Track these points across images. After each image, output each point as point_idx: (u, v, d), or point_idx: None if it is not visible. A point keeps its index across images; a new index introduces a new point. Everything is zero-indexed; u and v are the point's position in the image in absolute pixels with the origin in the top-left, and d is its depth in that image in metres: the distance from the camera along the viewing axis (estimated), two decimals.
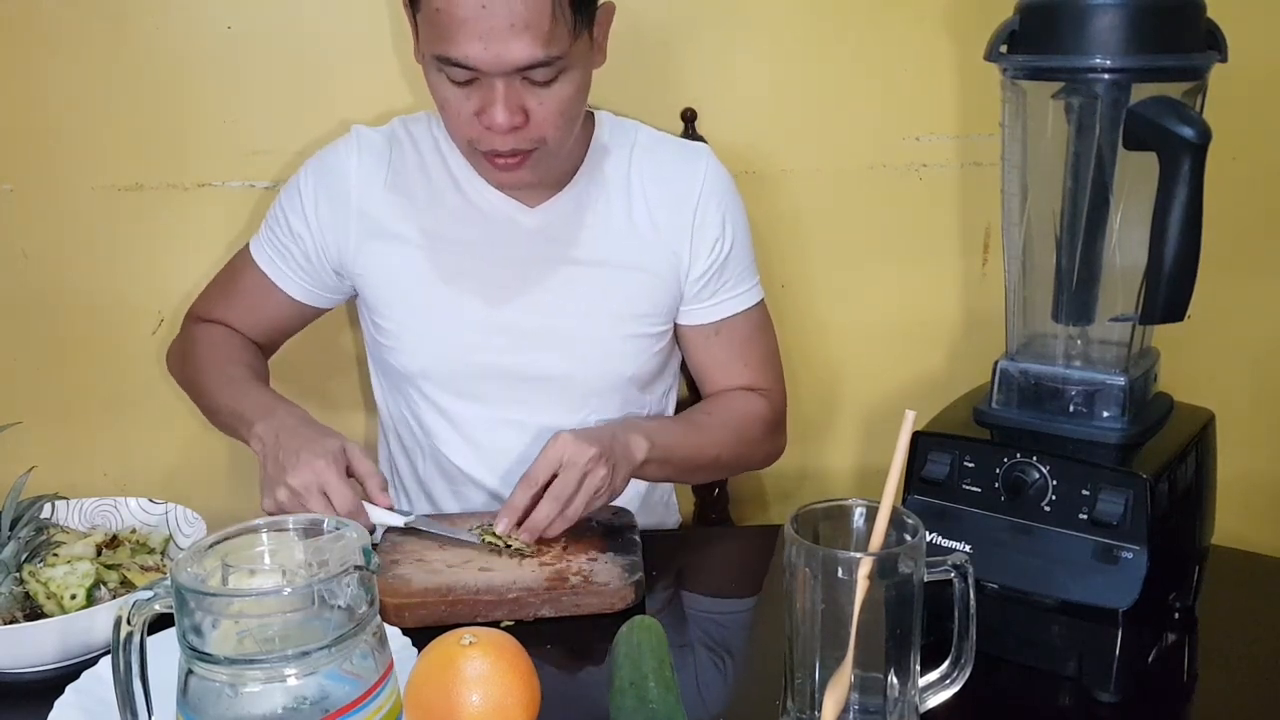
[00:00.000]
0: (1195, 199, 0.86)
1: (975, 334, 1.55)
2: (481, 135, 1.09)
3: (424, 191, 1.22)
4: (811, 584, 0.75)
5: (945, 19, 1.44)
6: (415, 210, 1.21)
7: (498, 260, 1.21)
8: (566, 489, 1.06)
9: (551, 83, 1.07)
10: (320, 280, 1.26)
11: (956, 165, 1.50)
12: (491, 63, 1.03)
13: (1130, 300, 0.95)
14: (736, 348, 1.29)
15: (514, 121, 1.06)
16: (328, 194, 1.23)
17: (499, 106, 1.05)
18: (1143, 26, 0.87)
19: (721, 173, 1.26)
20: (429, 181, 1.22)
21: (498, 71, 1.04)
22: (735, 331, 1.28)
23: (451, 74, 1.06)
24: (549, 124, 1.09)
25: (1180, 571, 0.97)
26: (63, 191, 1.46)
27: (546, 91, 1.07)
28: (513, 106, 1.06)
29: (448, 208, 1.21)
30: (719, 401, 1.29)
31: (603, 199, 1.22)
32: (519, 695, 0.79)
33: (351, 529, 0.69)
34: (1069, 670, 0.89)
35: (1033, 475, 0.90)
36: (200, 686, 0.64)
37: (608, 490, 1.09)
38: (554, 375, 1.23)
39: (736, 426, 1.27)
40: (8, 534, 1.00)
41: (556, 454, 1.07)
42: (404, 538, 1.10)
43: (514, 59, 1.03)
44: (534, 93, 1.07)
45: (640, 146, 1.25)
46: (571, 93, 1.09)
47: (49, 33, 1.40)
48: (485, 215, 1.21)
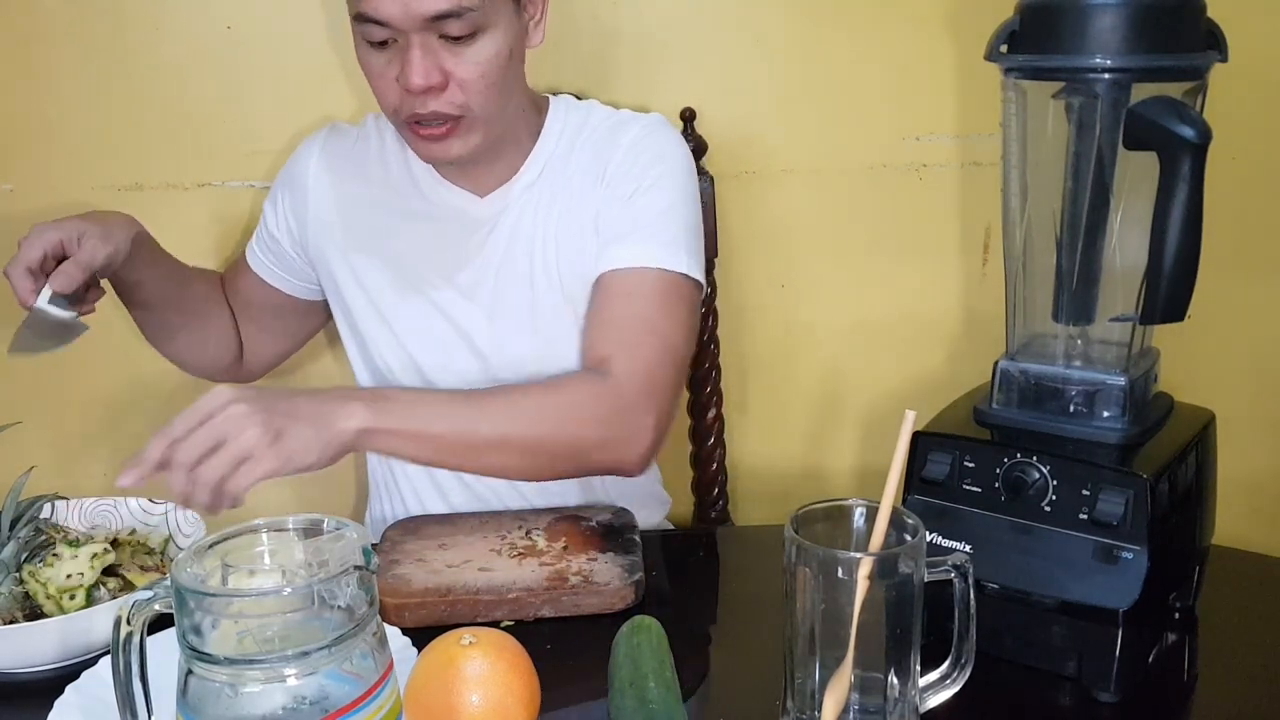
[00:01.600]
0: (1195, 199, 0.86)
1: (975, 334, 1.55)
2: (403, 100, 1.08)
3: (381, 184, 1.24)
4: (811, 584, 0.75)
5: (945, 19, 1.44)
6: (370, 204, 1.23)
7: (451, 253, 1.22)
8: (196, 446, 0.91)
9: (470, 41, 1.06)
10: (300, 272, 1.29)
11: (956, 165, 1.50)
12: (402, 15, 1.03)
13: (1130, 300, 0.95)
14: (605, 304, 1.14)
15: (430, 80, 1.05)
16: (291, 186, 1.27)
17: (415, 66, 1.05)
18: (1143, 26, 0.87)
19: (658, 137, 1.19)
20: (387, 175, 1.24)
21: (410, 26, 1.03)
22: (615, 287, 1.14)
23: (368, 33, 1.06)
24: (470, 87, 1.08)
25: (1180, 571, 0.97)
26: (63, 191, 1.46)
27: (466, 50, 1.06)
28: (429, 65, 1.05)
29: (402, 200, 1.23)
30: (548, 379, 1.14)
31: (553, 184, 1.20)
32: (519, 695, 0.79)
33: (351, 529, 0.69)
34: (1069, 670, 0.89)
35: (1033, 475, 0.90)
36: (200, 686, 0.64)
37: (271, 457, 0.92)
38: (520, 364, 1.21)
39: (552, 405, 1.08)
40: (7, 534, 1.00)
41: (205, 406, 0.93)
42: (404, 537, 1.11)
43: (423, 8, 1.02)
44: (452, 51, 1.06)
45: (590, 126, 1.22)
46: (491, 54, 1.07)
47: (49, 32, 1.40)
48: (437, 207, 1.22)
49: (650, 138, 1.19)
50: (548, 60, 1.31)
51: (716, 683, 0.93)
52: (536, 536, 1.10)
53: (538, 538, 1.10)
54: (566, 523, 1.14)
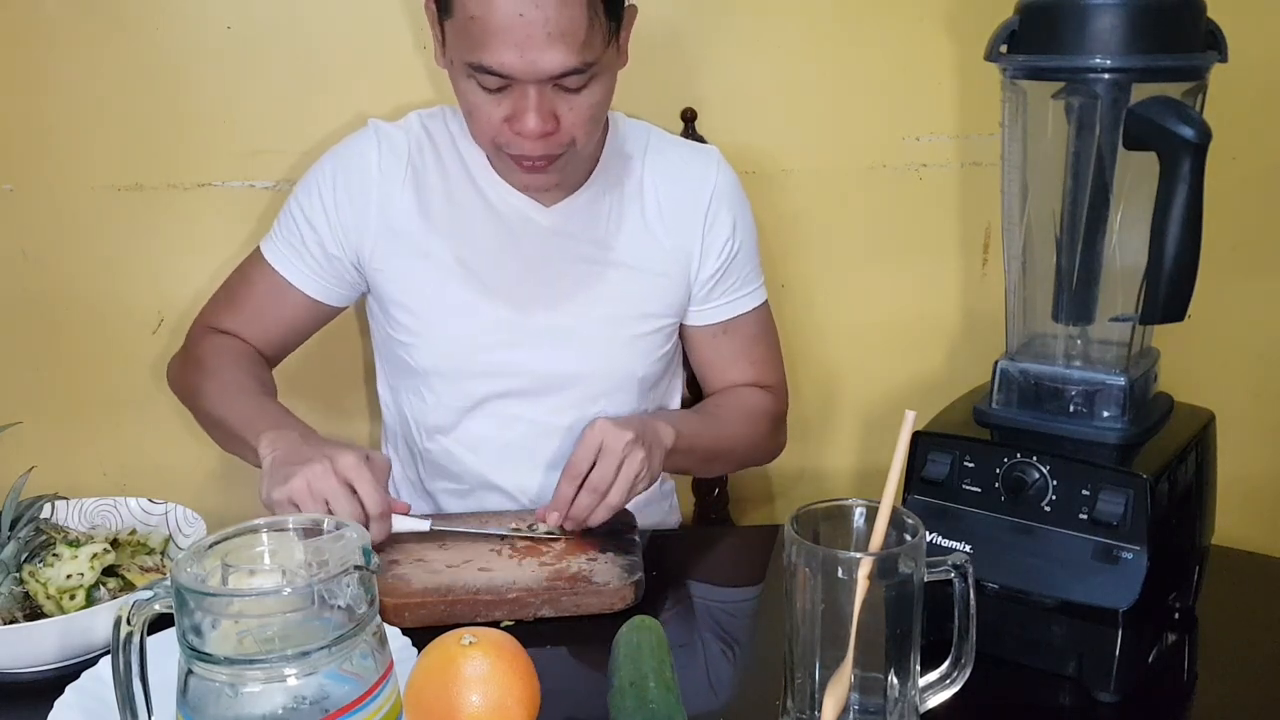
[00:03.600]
0: (1195, 199, 0.86)
1: (975, 334, 1.55)
2: (511, 140, 1.09)
3: (441, 189, 1.22)
4: (811, 584, 0.75)
5: (945, 19, 1.44)
6: (433, 207, 1.21)
7: (513, 258, 1.21)
8: (606, 477, 1.06)
9: (583, 89, 1.07)
10: (338, 276, 1.24)
11: (956, 165, 1.50)
12: (526, 71, 1.03)
13: (1130, 300, 0.95)
14: (742, 346, 1.31)
15: (546, 128, 1.07)
16: (347, 187, 1.21)
17: (531, 114, 1.06)
18: (1143, 26, 0.87)
19: (731, 176, 1.28)
20: (446, 179, 1.22)
21: (532, 80, 1.04)
22: (741, 331, 1.30)
23: (484, 81, 1.06)
24: (578, 128, 1.10)
25: (1180, 571, 0.97)
26: (63, 191, 1.46)
27: (577, 97, 1.07)
28: (545, 114, 1.06)
29: (465, 205, 1.21)
30: (729, 396, 1.31)
31: (617, 200, 1.23)
32: (519, 695, 0.79)
33: (351, 529, 0.69)
34: (1069, 670, 0.89)
35: (1033, 475, 0.90)
36: (200, 686, 0.64)
37: (647, 475, 1.09)
38: (566, 374, 1.23)
39: (747, 420, 1.29)
40: (7, 534, 1.00)
41: (595, 441, 1.07)
42: (404, 537, 1.10)
43: (549, 67, 1.03)
44: (565, 99, 1.07)
45: (653, 149, 1.26)
46: (601, 97, 1.10)
47: (49, 33, 1.40)
48: (501, 214, 1.21)
49: (734, 185, 1.28)
50: None
51: (716, 683, 0.93)
52: (537, 536, 1.10)
53: (538, 538, 1.10)
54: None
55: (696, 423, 1.24)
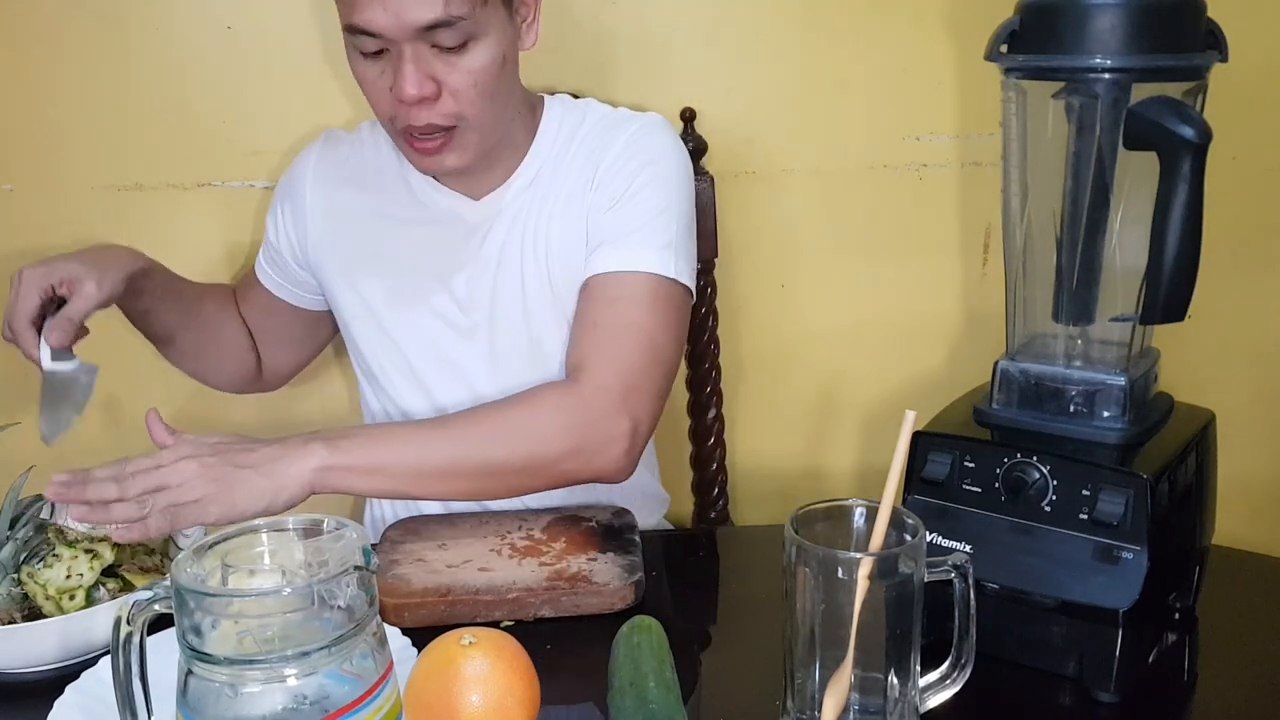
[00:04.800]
0: (1195, 199, 0.86)
1: (975, 334, 1.55)
2: (398, 111, 1.08)
3: (377, 191, 1.23)
4: (811, 584, 0.75)
5: (945, 19, 1.44)
6: (366, 211, 1.23)
7: (446, 257, 1.21)
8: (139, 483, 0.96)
9: (462, 50, 1.05)
10: (300, 280, 1.29)
11: (956, 165, 1.50)
12: (394, 25, 1.02)
13: (1130, 300, 0.95)
14: (587, 308, 1.13)
15: (423, 91, 1.05)
16: (290, 193, 1.26)
17: (407, 76, 1.04)
18: (1143, 26, 0.87)
19: (654, 137, 1.17)
20: (382, 180, 1.23)
21: (402, 36, 1.03)
22: (599, 291, 1.13)
23: (361, 44, 1.06)
24: (463, 97, 1.07)
25: (1180, 571, 0.97)
26: (63, 191, 1.46)
27: (458, 59, 1.06)
28: (421, 75, 1.05)
29: (398, 205, 1.22)
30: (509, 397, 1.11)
31: (548, 186, 1.19)
32: (519, 695, 0.79)
33: (351, 529, 0.69)
34: (1069, 670, 0.89)
35: (1033, 475, 0.90)
36: (200, 687, 0.64)
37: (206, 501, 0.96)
38: (516, 365, 1.21)
39: (516, 422, 1.07)
40: (6, 534, 1.00)
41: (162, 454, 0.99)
42: (404, 537, 1.11)
43: (414, 18, 1.02)
44: (444, 60, 1.05)
45: (586, 125, 1.21)
46: (485, 63, 1.07)
47: (49, 33, 1.40)
48: (430, 212, 1.21)
49: (646, 138, 1.17)
50: (548, 60, 1.31)
51: (716, 683, 0.93)
52: (536, 536, 1.10)
53: (537, 538, 1.10)
54: (566, 523, 1.14)
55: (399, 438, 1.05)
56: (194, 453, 0.98)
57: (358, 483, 1.02)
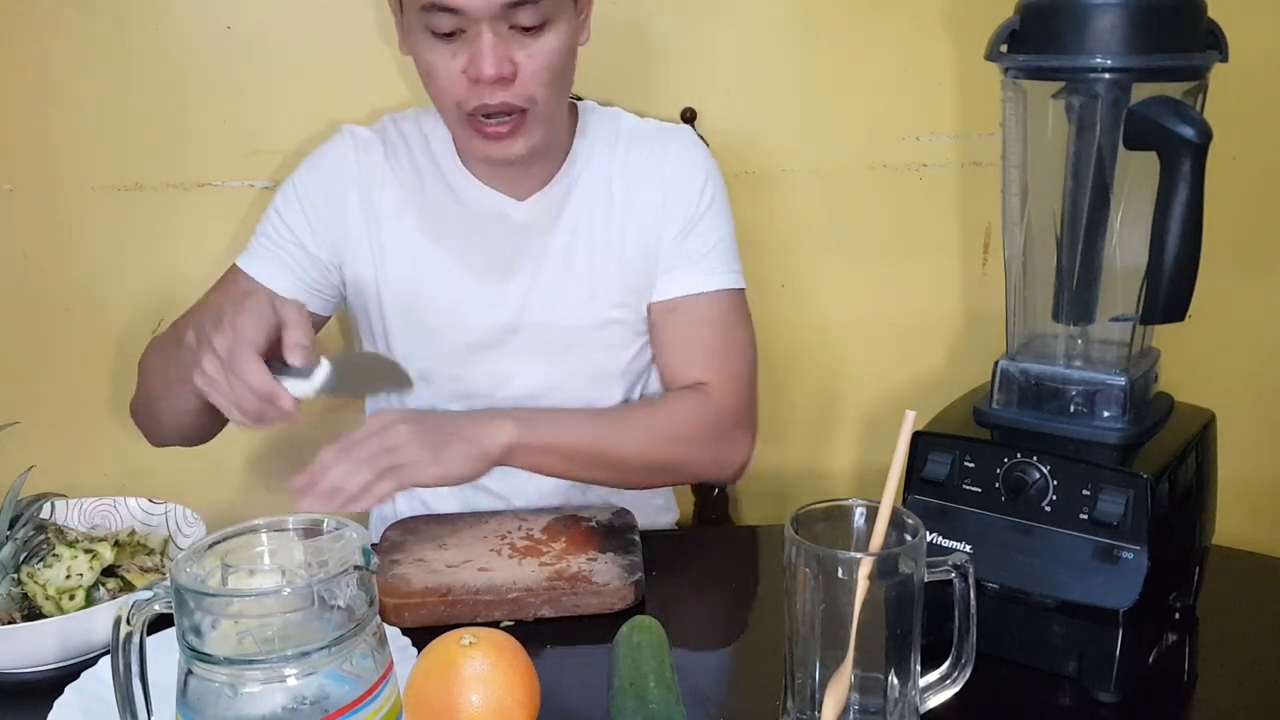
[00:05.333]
0: (1196, 199, 0.86)
1: (975, 334, 1.55)
2: (470, 93, 1.08)
3: (415, 188, 1.22)
4: (811, 584, 0.75)
5: (945, 19, 1.44)
6: (410, 207, 1.21)
7: (489, 255, 1.21)
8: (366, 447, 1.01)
9: (539, 32, 1.06)
10: (319, 275, 1.23)
11: (956, 165, 1.50)
12: (478, 2, 1.02)
13: (1130, 300, 0.95)
14: (690, 331, 1.22)
15: (502, 70, 1.05)
16: (325, 189, 1.22)
17: (487, 55, 1.04)
18: (1143, 26, 0.87)
19: (698, 153, 1.25)
20: (420, 178, 1.22)
21: (484, 13, 1.03)
22: (694, 313, 1.22)
23: (436, 23, 1.05)
24: (536, 79, 1.08)
25: (1180, 571, 0.97)
26: (63, 191, 1.46)
27: (534, 43, 1.06)
28: (500, 55, 1.05)
29: (439, 204, 1.21)
30: (652, 399, 1.26)
31: (589, 190, 1.22)
32: (519, 695, 0.79)
33: (351, 529, 0.69)
34: (1069, 670, 0.89)
35: (1033, 475, 0.90)
36: (200, 687, 0.64)
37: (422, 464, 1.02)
38: (549, 367, 1.23)
39: (664, 424, 1.18)
40: (6, 534, 1.00)
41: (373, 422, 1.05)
42: (404, 537, 1.11)
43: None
44: (521, 43, 1.06)
45: (623, 134, 1.24)
46: (557, 46, 1.08)
47: (49, 33, 1.40)
48: (474, 211, 1.21)
49: (698, 155, 1.24)
50: None
51: (716, 683, 0.93)
52: (536, 536, 1.10)
53: (537, 538, 1.10)
54: (566, 523, 1.14)
55: (573, 424, 1.15)
56: (403, 419, 1.04)
57: (531, 460, 1.11)
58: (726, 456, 1.23)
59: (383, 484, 1.00)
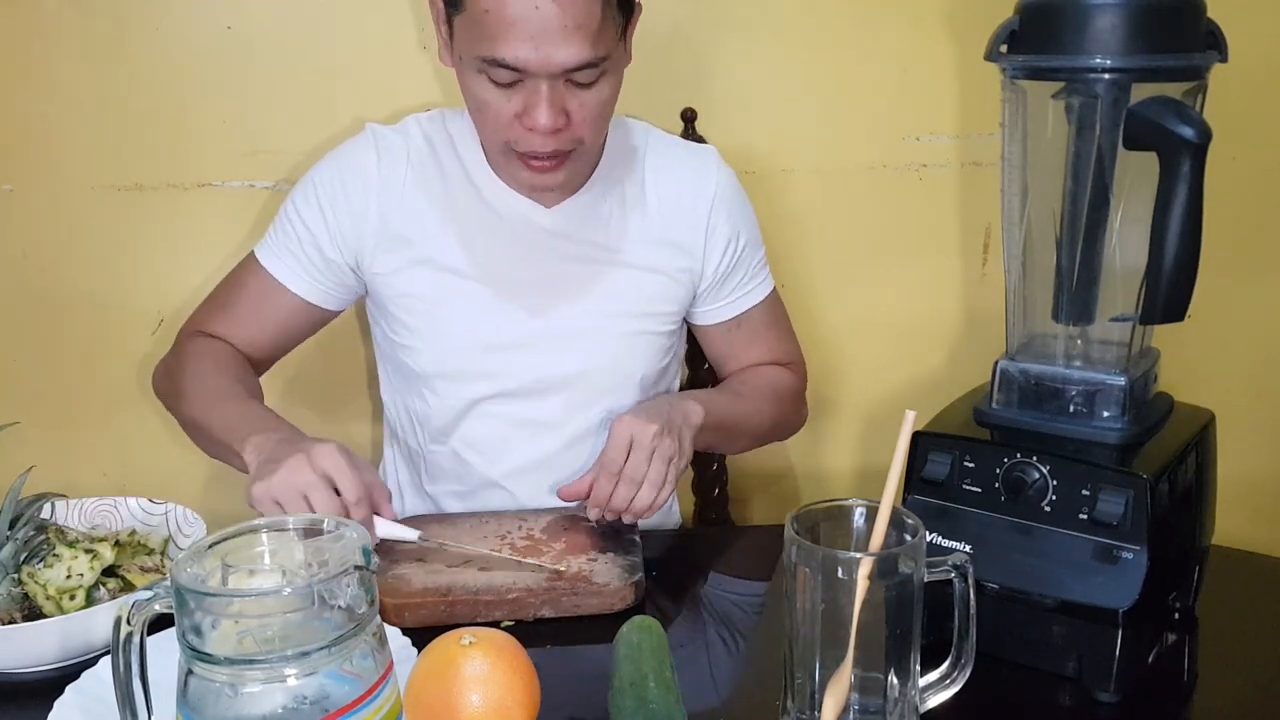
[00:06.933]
0: (1195, 199, 0.86)
1: (975, 334, 1.55)
2: (521, 137, 1.09)
3: (441, 192, 1.21)
4: (811, 584, 0.75)
5: (945, 19, 1.44)
6: (433, 210, 1.21)
7: (514, 260, 1.21)
8: (639, 468, 1.10)
9: (594, 85, 1.07)
10: (335, 279, 1.23)
11: (956, 165, 1.50)
12: (541, 64, 1.03)
13: (1130, 300, 0.95)
14: (756, 335, 1.34)
15: (557, 123, 1.07)
16: (345, 191, 1.20)
17: (544, 109, 1.06)
18: (1143, 26, 0.87)
19: (731, 176, 1.28)
20: (445, 182, 1.21)
21: (546, 73, 1.04)
22: (754, 321, 1.33)
23: (496, 75, 1.06)
24: (587, 125, 1.10)
25: (1180, 571, 0.97)
26: (63, 191, 1.46)
27: (588, 93, 1.08)
28: (557, 109, 1.06)
29: (465, 208, 1.21)
30: (751, 373, 1.34)
31: (618, 200, 1.23)
32: (519, 695, 0.79)
33: (351, 529, 0.69)
34: (1069, 670, 0.89)
35: (1033, 475, 0.90)
36: (200, 686, 0.64)
37: (680, 457, 1.14)
38: (568, 374, 1.23)
39: (770, 394, 1.32)
40: (6, 534, 1.00)
41: (624, 436, 1.11)
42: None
43: (563, 60, 1.03)
44: (576, 94, 1.07)
45: (652, 148, 1.26)
46: (609, 95, 1.11)
47: (49, 33, 1.40)
48: (502, 216, 1.21)
49: (733, 180, 1.29)
50: None
51: (716, 683, 0.93)
52: (536, 536, 1.10)
53: (538, 538, 1.10)
54: (566, 522, 1.14)
55: (723, 400, 1.27)
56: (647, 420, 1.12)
57: (703, 438, 1.20)
58: (803, 420, 1.41)
59: (666, 489, 1.12)
